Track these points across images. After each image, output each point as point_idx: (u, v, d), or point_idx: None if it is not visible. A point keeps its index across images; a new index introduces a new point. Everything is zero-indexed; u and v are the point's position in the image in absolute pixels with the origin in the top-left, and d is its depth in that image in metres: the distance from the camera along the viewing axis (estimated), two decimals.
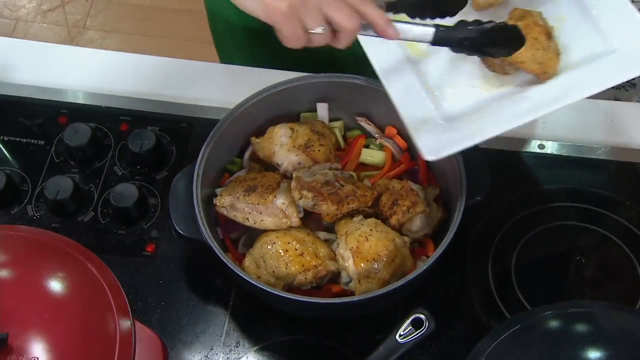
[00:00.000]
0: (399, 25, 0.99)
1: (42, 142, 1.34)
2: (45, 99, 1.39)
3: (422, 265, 1.09)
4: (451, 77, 1.12)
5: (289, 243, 1.12)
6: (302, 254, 1.11)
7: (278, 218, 1.15)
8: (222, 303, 1.21)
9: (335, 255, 1.13)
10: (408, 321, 1.05)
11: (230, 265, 1.09)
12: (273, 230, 1.14)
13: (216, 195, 1.18)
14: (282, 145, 1.21)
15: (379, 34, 0.98)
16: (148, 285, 1.22)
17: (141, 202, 1.27)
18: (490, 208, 1.26)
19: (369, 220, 1.15)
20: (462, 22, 1.01)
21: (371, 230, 1.12)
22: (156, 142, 1.30)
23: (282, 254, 1.11)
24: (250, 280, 1.07)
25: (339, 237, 1.14)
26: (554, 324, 1.04)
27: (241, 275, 1.08)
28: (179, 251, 1.25)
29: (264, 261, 1.12)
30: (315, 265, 1.11)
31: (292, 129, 1.22)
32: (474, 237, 1.25)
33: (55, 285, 0.91)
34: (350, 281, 1.12)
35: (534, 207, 1.28)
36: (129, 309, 0.91)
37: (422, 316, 1.04)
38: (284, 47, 0.98)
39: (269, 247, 1.12)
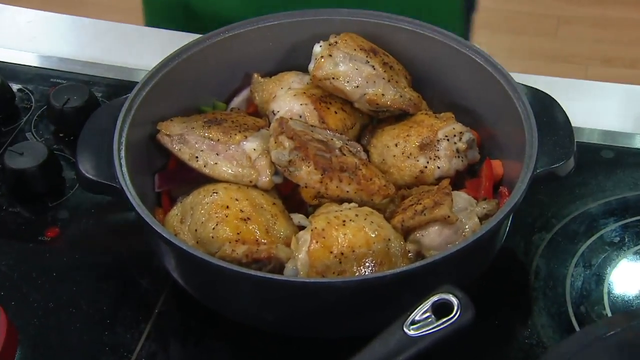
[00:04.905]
0: None
1: None
2: None
3: (458, 244, 0.67)
4: None
5: (236, 200, 0.72)
6: (246, 220, 0.71)
7: (241, 167, 0.75)
8: (144, 311, 0.78)
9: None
10: (426, 305, 0.59)
11: (138, 210, 0.69)
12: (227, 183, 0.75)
13: None
14: (289, 89, 0.82)
15: None
16: (33, 280, 0.81)
17: (50, 170, 0.88)
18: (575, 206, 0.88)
19: (363, 207, 0.73)
20: None
21: (356, 215, 0.71)
22: (88, 100, 0.92)
23: (217, 210, 0.72)
24: (155, 227, 0.67)
25: (311, 218, 0.73)
26: None
27: (147, 221, 0.68)
28: (93, 239, 0.84)
29: (191, 214, 0.73)
30: (257, 240, 0.70)
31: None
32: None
33: None
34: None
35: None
36: None
37: (451, 298, 0.59)
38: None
39: (207, 196, 0.73)
